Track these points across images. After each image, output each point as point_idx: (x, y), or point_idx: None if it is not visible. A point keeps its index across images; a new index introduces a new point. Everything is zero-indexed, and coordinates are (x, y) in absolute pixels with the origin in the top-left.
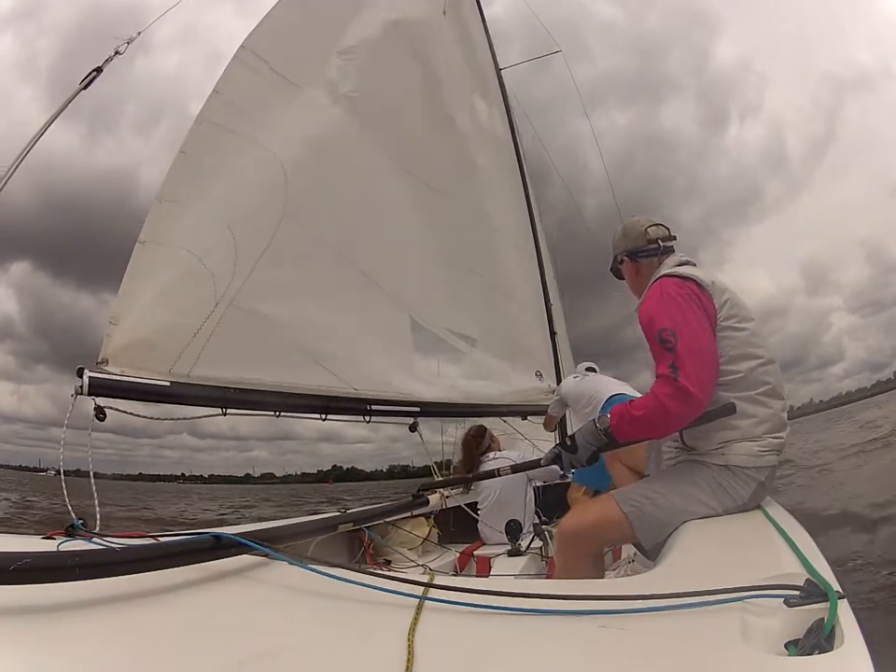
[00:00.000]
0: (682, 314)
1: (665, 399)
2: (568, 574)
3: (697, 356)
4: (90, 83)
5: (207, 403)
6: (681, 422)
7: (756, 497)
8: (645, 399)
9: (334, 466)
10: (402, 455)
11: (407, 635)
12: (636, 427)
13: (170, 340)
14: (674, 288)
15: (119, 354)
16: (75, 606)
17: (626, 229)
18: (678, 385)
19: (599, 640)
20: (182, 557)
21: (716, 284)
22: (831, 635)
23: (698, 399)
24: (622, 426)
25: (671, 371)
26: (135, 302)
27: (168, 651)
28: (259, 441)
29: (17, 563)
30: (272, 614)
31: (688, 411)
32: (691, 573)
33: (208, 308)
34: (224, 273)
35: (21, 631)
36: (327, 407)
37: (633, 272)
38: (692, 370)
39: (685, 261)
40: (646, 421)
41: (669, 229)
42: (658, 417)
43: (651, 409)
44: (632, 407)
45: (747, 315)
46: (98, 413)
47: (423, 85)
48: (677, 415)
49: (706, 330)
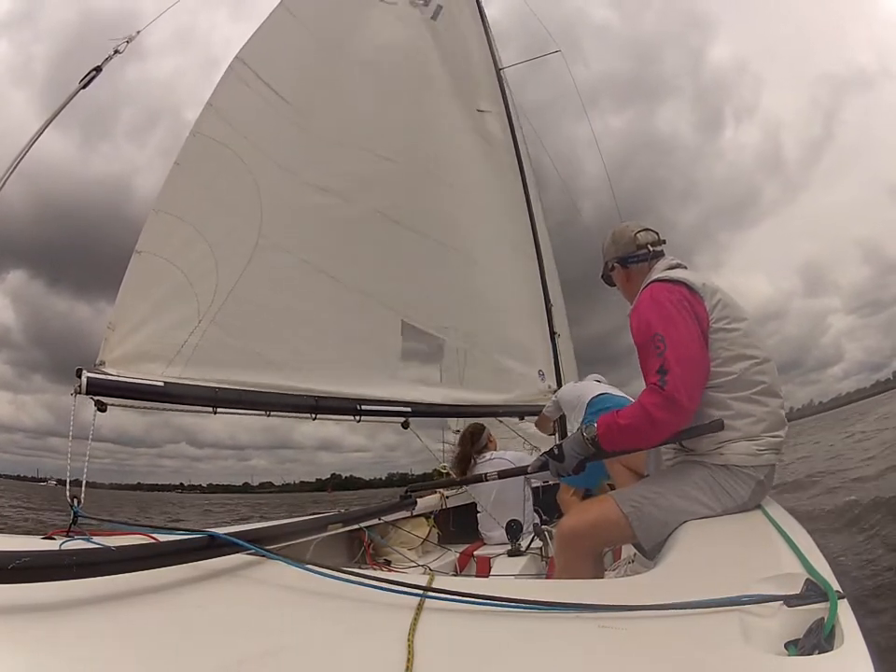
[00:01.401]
0: (672, 321)
1: (652, 409)
2: (568, 574)
3: (685, 364)
4: (89, 82)
5: (199, 402)
6: (668, 430)
7: (756, 497)
8: (631, 408)
9: (333, 474)
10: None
11: (407, 635)
12: (623, 436)
13: (161, 348)
14: (664, 294)
15: (116, 357)
16: (72, 604)
17: (615, 235)
18: (664, 393)
19: (599, 640)
20: (178, 556)
21: (707, 285)
22: (831, 635)
23: (685, 407)
24: (609, 434)
25: (658, 378)
26: (131, 311)
27: (165, 651)
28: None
29: (15, 561)
30: (271, 614)
31: (675, 419)
32: (690, 573)
33: (192, 324)
34: (206, 292)
35: (19, 629)
36: (316, 406)
37: (623, 278)
38: (679, 378)
39: (676, 265)
40: (632, 430)
41: (658, 233)
42: (644, 426)
43: (638, 417)
44: (619, 416)
45: (739, 315)
46: (98, 404)
47: (418, 89)
48: (663, 423)
49: (694, 338)
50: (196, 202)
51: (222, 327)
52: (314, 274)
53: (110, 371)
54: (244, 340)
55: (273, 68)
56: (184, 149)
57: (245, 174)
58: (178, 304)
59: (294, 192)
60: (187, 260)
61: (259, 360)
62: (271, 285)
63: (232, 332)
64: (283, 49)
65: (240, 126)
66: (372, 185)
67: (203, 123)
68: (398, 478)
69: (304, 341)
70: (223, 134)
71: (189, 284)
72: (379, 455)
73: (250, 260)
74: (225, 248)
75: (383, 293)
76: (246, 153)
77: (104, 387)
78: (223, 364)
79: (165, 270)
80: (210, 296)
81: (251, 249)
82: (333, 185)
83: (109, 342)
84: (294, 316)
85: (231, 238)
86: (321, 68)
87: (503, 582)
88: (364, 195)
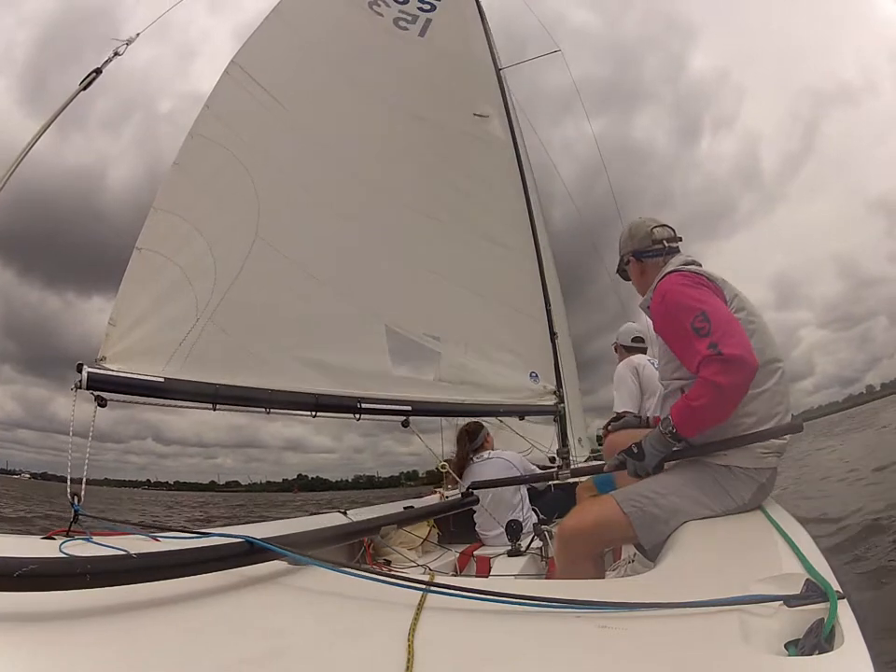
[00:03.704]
0: (705, 298)
1: (716, 377)
2: (569, 574)
3: (732, 326)
4: (89, 84)
5: (199, 399)
6: (740, 391)
7: (756, 499)
8: (697, 387)
9: (299, 475)
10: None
11: (407, 635)
12: (700, 416)
13: (161, 344)
14: (686, 280)
15: (117, 353)
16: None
17: (633, 229)
18: (722, 357)
19: (599, 640)
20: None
21: (725, 281)
22: (830, 635)
23: (747, 361)
24: (685, 420)
25: (711, 349)
26: (131, 306)
27: (169, 651)
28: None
29: (20, 569)
30: (273, 614)
31: (741, 377)
32: (691, 573)
33: (190, 322)
34: (204, 290)
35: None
36: (316, 404)
37: (638, 272)
38: (730, 338)
39: (691, 261)
40: (707, 407)
41: (675, 230)
42: (717, 397)
43: (708, 393)
44: (689, 399)
45: (753, 311)
46: (98, 400)
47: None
48: (733, 387)
49: (726, 310)
50: (195, 201)
51: (220, 325)
52: (307, 276)
53: (111, 367)
54: (241, 338)
55: (268, 72)
56: (182, 150)
57: (242, 174)
58: (177, 301)
59: (290, 194)
60: (185, 258)
61: (256, 359)
62: (268, 284)
63: (230, 330)
64: (277, 55)
65: (237, 128)
66: (366, 188)
67: (201, 125)
68: (364, 480)
69: (302, 341)
70: (220, 136)
71: (187, 281)
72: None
73: (247, 259)
74: (223, 247)
75: (372, 297)
76: (243, 155)
77: (104, 383)
78: (220, 362)
79: (164, 267)
80: (208, 294)
81: (248, 248)
82: (327, 189)
83: (111, 337)
84: (292, 316)
85: (229, 237)
86: (313, 75)
87: (503, 582)
88: (358, 198)
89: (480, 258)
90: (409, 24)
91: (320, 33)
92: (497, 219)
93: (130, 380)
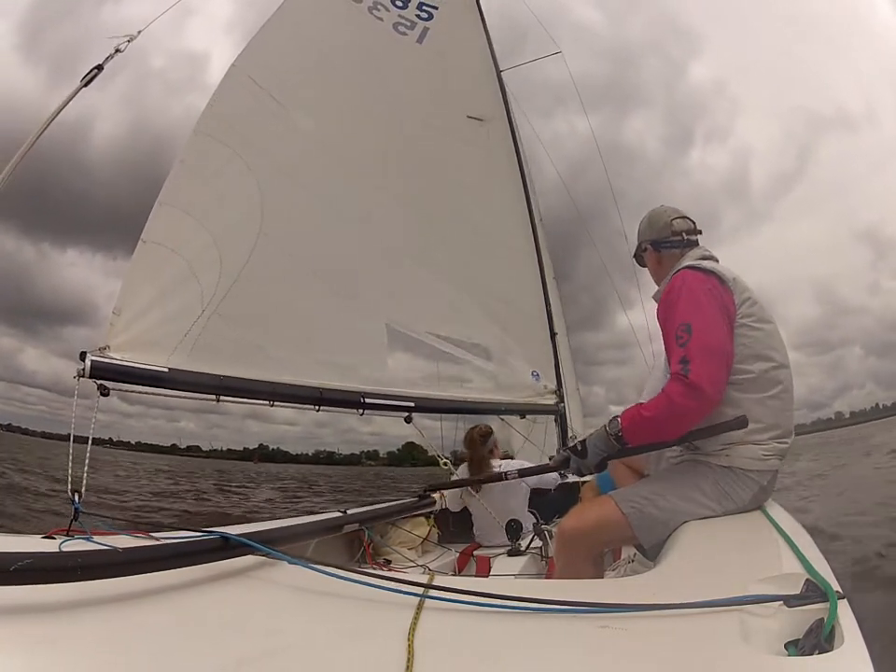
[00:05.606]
0: (699, 307)
1: (676, 397)
2: (568, 574)
3: (709, 352)
4: (91, 80)
5: (202, 390)
6: (692, 420)
7: (756, 501)
8: (656, 399)
9: (260, 444)
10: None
11: (407, 635)
12: (647, 428)
13: (165, 335)
14: (696, 282)
15: (120, 342)
16: (75, 605)
17: (652, 218)
18: (688, 381)
19: (599, 640)
20: (183, 558)
21: (737, 280)
22: (830, 635)
23: (709, 394)
24: (632, 428)
25: (681, 367)
26: (136, 297)
27: (168, 651)
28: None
29: (17, 563)
30: (272, 614)
31: (699, 407)
32: (691, 573)
33: (195, 314)
34: (209, 284)
35: (23, 631)
36: (320, 398)
37: (655, 261)
38: (702, 366)
39: (708, 256)
40: (657, 421)
41: (695, 223)
42: (668, 415)
43: (662, 407)
44: (642, 408)
45: (765, 315)
46: (101, 388)
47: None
48: (687, 411)
49: (721, 327)
50: (199, 196)
51: (225, 317)
52: (310, 273)
53: (114, 356)
54: (245, 331)
55: (269, 74)
56: (187, 147)
57: (245, 173)
58: (182, 293)
59: (291, 193)
60: (191, 251)
61: (260, 354)
62: (272, 280)
63: (234, 323)
64: (279, 56)
65: (239, 128)
66: (366, 189)
67: (205, 123)
68: (324, 455)
69: (305, 337)
70: (224, 134)
71: (192, 274)
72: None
73: (252, 254)
74: (228, 242)
75: (374, 295)
76: (246, 154)
77: (107, 371)
78: (225, 354)
79: (170, 259)
80: (213, 287)
81: (253, 244)
82: (327, 188)
83: (115, 326)
84: (294, 312)
85: (234, 233)
86: (314, 76)
87: (503, 582)
88: (358, 198)
89: (481, 257)
90: (407, 30)
91: (321, 34)
92: (497, 220)
93: (133, 369)
